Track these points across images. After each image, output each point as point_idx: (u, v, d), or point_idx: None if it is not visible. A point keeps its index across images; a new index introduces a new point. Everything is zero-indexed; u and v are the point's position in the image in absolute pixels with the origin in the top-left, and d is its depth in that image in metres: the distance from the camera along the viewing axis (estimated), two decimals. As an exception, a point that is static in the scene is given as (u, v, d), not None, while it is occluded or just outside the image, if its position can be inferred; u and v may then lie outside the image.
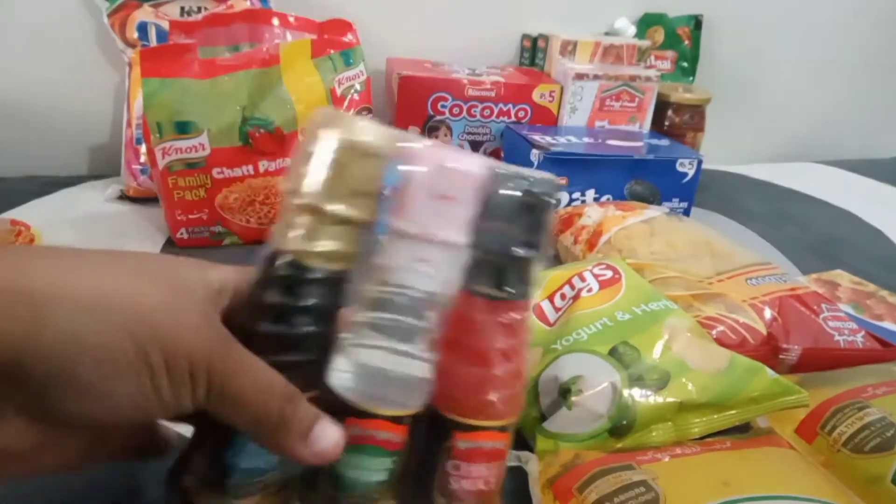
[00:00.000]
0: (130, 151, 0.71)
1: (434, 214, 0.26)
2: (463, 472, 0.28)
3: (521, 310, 0.28)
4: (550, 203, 0.27)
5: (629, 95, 0.78)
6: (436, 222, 0.26)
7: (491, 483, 0.28)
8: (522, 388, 0.29)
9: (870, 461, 0.34)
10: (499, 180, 0.27)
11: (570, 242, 0.60)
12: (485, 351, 0.28)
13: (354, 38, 0.66)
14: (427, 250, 0.26)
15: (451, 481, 0.28)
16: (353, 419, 0.26)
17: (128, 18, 0.71)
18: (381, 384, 0.26)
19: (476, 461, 0.28)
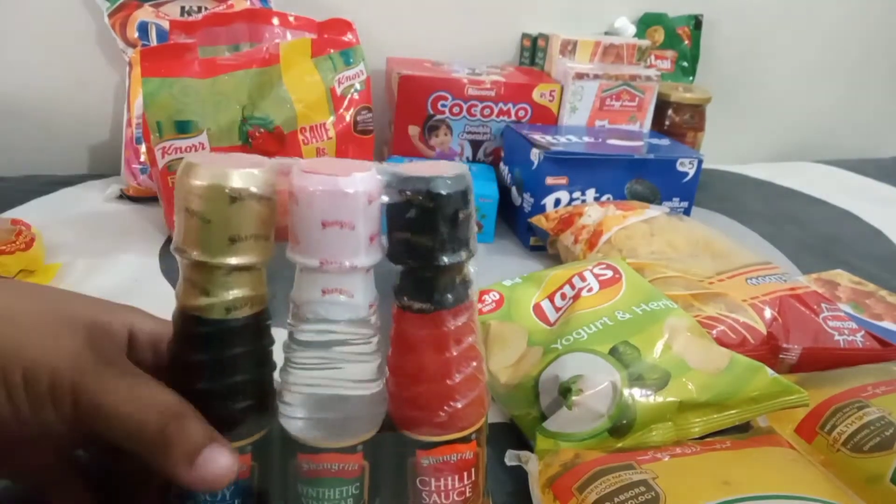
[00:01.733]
0: (130, 151, 0.71)
1: (330, 243, 0.25)
2: (433, 488, 0.27)
3: (461, 314, 0.27)
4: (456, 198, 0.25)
5: (629, 95, 0.78)
6: (334, 250, 0.25)
7: (466, 493, 0.28)
8: (481, 391, 0.28)
9: (869, 460, 0.34)
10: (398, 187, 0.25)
11: (570, 242, 0.60)
12: (431, 366, 0.27)
13: (354, 38, 0.66)
14: (334, 279, 0.25)
15: (423, 497, 0.27)
16: (304, 455, 0.26)
17: (128, 18, 0.71)
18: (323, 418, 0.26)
19: (444, 476, 0.27)
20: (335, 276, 0.25)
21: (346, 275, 0.25)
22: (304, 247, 0.25)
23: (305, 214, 0.25)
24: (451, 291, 0.26)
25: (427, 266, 0.26)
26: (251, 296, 0.25)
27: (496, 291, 0.47)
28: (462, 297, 0.27)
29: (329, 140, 0.64)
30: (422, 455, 0.27)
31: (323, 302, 0.25)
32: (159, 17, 0.71)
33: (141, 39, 0.71)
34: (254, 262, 0.24)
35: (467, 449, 0.28)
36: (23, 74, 0.75)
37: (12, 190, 0.70)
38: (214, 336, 0.25)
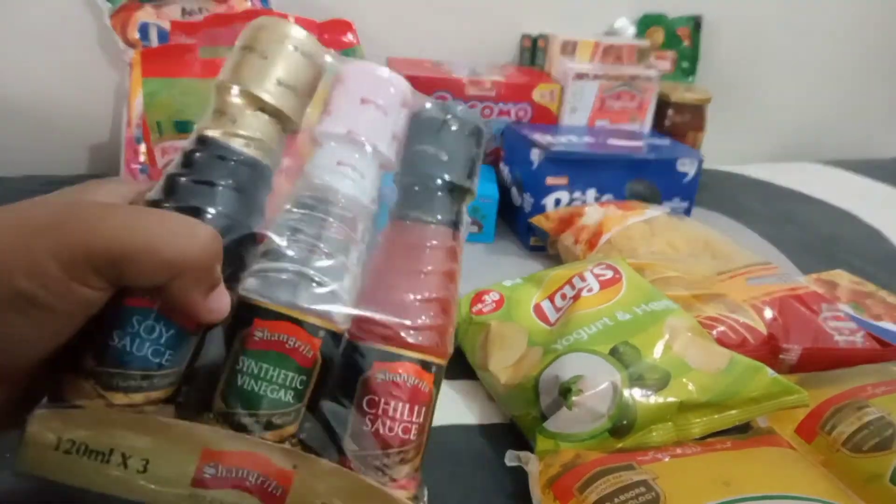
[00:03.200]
0: (130, 151, 0.71)
1: (359, 117, 0.27)
2: (381, 411, 0.25)
3: (450, 239, 0.28)
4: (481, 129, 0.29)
5: (629, 95, 0.78)
6: (364, 126, 0.27)
7: (411, 433, 0.25)
8: (449, 326, 0.27)
9: (869, 460, 0.34)
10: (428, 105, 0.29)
11: (570, 242, 0.60)
12: (409, 274, 0.27)
13: (354, 38, 0.66)
14: (351, 153, 0.27)
15: (366, 422, 0.25)
16: (262, 321, 0.24)
17: (129, 19, 0.71)
18: (297, 280, 0.25)
19: (394, 398, 0.25)
20: (354, 150, 0.27)
21: (364, 153, 0.27)
22: (337, 117, 0.27)
23: (349, 88, 0.28)
24: (446, 212, 0.28)
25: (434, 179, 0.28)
26: (269, 146, 0.26)
27: (496, 292, 0.47)
28: (455, 222, 0.29)
29: (329, 140, 0.64)
30: (378, 368, 0.25)
31: (335, 172, 0.27)
32: (160, 18, 0.71)
33: (142, 40, 0.71)
34: (286, 111, 0.26)
35: (424, 378, 0.26)
36: (23, 74, 0.75)
37: (12, 190, 0.70)
38: (228, 160, 0.25)
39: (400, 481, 0.25)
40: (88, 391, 0.22)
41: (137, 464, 0.21)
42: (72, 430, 0.21)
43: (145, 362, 0.22)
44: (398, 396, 0.25)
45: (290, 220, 0.26)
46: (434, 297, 0.27)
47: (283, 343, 0.24)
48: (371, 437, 0.25)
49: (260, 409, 0.23)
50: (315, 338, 0.25)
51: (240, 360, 0.24)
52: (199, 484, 0.21)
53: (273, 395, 0.23)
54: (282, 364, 0.24)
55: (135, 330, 0.22)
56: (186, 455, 0.21)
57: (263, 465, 0.22)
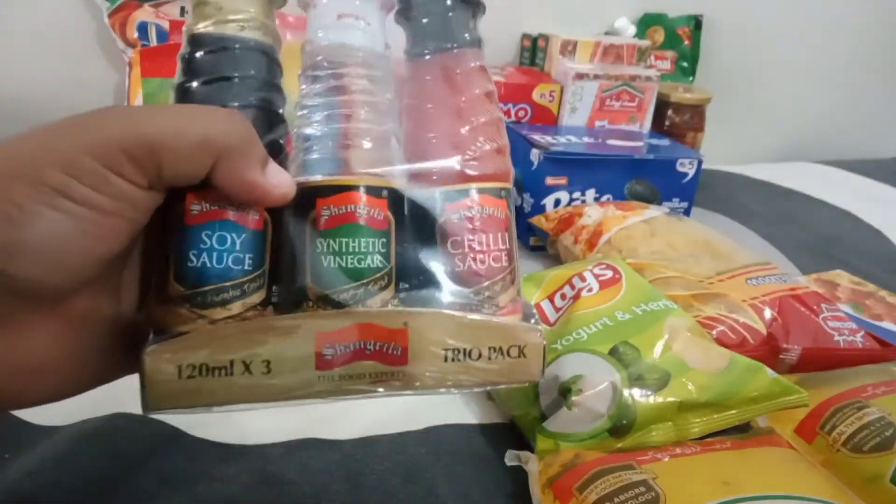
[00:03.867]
0: (130, 151, 0.71)
1: None
2: (466, 249, 0.25)
3: (476, 59, 0.28)
4: None
5: (629, 95, 0.78)
6: None
7: (503, 259, 0.25)
8: (504, 147, 0.27)
9: (869, 460, 0.34)
10: None
11: (570, 242, 0.60)
12: (450, 108, 0.26)
13: (354, 38, 0.66)
14: (347, 2, 0.26)
15: (457, 262, 0.25)
16: (325, 199, 0.24)
17: (128, 18, 0.71)
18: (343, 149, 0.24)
19: (476, 231, 0.25)
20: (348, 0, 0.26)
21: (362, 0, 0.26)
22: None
23: None
24: (465, 30, 0.28)
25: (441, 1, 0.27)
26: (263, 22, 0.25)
27: (496, 292, 0.47)
28: (478, 39, 0.29)
29: (329, 140, 0.64)
30: (451, 209, 0.25)
31: (339, 26, 0.26)
32: (159, 18, 0.71)
33: (140, 39, 0.71)
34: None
35: (498, 205, 0.26)
36: (23, 74, 0.75)
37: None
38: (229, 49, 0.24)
39: (506, 308, 0.25)
40: (186, 316, 0.22)
41: (260, 367, 0.21)
42: (187, 355, 0.21)
43: (228, 272, 0.22)
44: (479, 229, 0.25)
45: (313, 93, 0.25)
46: (482, 122, 0.26)
47: (353, 213, 0.23)
48: (466, 276, 0.25)
49: (353, 281, 0.23)
50: (380, 198, 0.24)
51: (317, 244, 0.23)
52: (323, 366, 0.22)
53: (361, 265, 0.23)
54: (358, 233, 0.23)
55: (208, 245, 0.22)
56: (303, 344, 0.22)
57: (376, 332, 0.23)
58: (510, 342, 0.24)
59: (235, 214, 0.23)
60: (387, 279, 0.24)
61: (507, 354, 0.24)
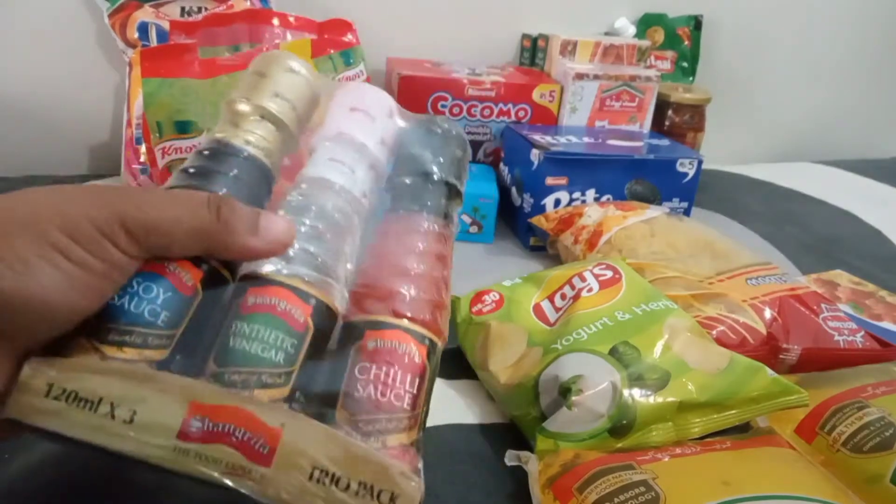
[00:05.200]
0: (130, 151, 0.71)
1: (348, 120, 0.31)
2: (372, 377, 0.25)
3: (442, 227, 0.31)
4: (464, 138, 0.33)
5: (629, 95, 0.78)
6: (349, 126, 0.31)
7: (405, 400, 0.25)
8: (442, 306, 0.28)
9: (869, 461, 0.34)
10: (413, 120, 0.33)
11: (570, 242, 0.60)
12: (401, 254, 0.29)
13: (354, 38, 0.66)
14: (341, 150, 0.30)
15: (358, 387, 0.25)
16: (255, 289, 0.25)
17: (128, 19, 0.71)
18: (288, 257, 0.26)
19: (386, 363, 0.25)
20: (344, 148, 0.30)
21: (354, 150, 0.30)
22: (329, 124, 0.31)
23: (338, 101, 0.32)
24: (435, 201, 0.31)
25: (422, 174, 0.31)
26: (269, 148, 0.29)
27: (496, 292, 0.47)
28: (445, 214, 0.31)
29: (329, 140, 0.64)
30: (370, 336, 0.26)
31: (327, 165, 0.30)
32: (159, 18, 0.71)
33: (141, 40, 0.71)
34: (284, 119, 0.29)
35: (417, 348, 0.26)
36: (23, 74, 0.75)
37: (12, 190, 0.70)
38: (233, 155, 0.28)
39: (392, 450, 0.24)
40: (83, 345, 0.22)
41: (125, 413, 0.21)
42: (63, 377, 0.21)
43: (139, 318, 0.23)
44: (389, 362, 0.25)
45: (286, 205, 0.29)
46: (426, 273, 0.29)
47: (274, 306, 0.24)
48: (363, 402, 0.24)
49: (250, 366, 0.23)
50: (306, 304, 0.25)
51: (233, 325, 0.24)
52: (185, 437, 0.21)
53: (263, 354, 0.24)
54: (272, 325, 0.24)
55: (134, 290, 0.23)
56: (174, 406, 0.21)
57: (250, 422, 0.22)
58: (383, 484, 0.22)
59: (171, 273, 0.24)
60: (283, 378, 0.24)
61: (376, 497, 0.22)
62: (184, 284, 0.24)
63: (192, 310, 0.24)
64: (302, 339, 0.25)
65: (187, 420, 0.21)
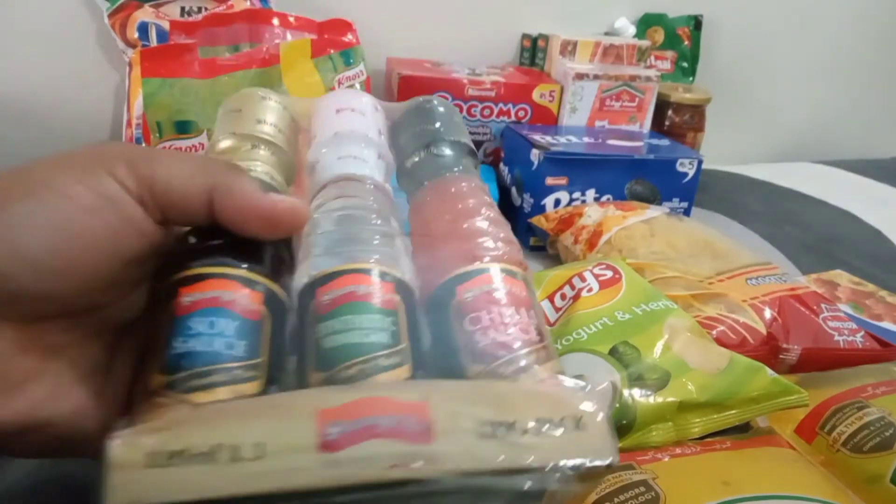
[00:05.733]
0: (131, 151, 0.71)
1: (339, 120, 0.30)
2: (486, 322, 0.22)
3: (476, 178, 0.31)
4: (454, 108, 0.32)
5: (629, 95, 0.78)
6: (343, 124, 0.29)
7: (531, 331, 0.23)
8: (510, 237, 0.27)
9: (869, 461, 0.34)
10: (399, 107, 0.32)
11: (570, 242, 0.60)
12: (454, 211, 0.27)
13: (354, 38, 0.66)
14: (344, 146, 0.29)
15: (477, 339, 0.22)
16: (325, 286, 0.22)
17: (128, 19, 0.71)
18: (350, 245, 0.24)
19: (494, 303, 0.23)
20: (348, 142, 0.29)
21: (358, 142, 0.29)
22: (321, 133, 0.30)
23: (322, 111, 0.31)
24: (460, 161, 0.31)
25: (435, 144, 0.30)
26: (271, 172, 0.28)
27: (496, 292, 0.47)
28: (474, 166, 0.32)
29: (329, 140, 0.64)
30: (463, 290, 0.23)
31: (339, 163, 0.28)
32: (159, 18, 0.71)
33: (141, 40, 0.71)
34: (274, 140, 0.28)
35: (514, 283, 0.24)
36: (23, 74, 0.75)
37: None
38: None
39: (548, 382, 0.22)
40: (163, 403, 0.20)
41: (250, 451, 0.18)
42: (162, 440, 0.18)
43: (217, 356, 0.20)
44: (497, 301, 0.23)
45: (321, 211, 0.26)
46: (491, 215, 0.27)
47: (352, 293, 0.22)
48: (491, 349, 0.22)
49: (360, 355, 0.21)
50: (384, 281, 0.23)
51: (318, 329, 0.22)
52: (327, 447, 0.18)
53: (367, 339, 0.21)
54: (361, 309, 0.22)
55: (195, 331, 0.21)
56: (301, 423, 0.18)
57: (390, 406, 0.19)
58: (561, 411, 0.20)
59: (228, 301, 0.21)
60: (399, 357, 0.21)
61: (560, 426, 0.19)
62: (248, 310, 0.21)
63: (268, 334, 0.22)
64: (397, 315, 0.22)
65: (322, 430, 0.18)
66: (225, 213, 0.22)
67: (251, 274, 0.22)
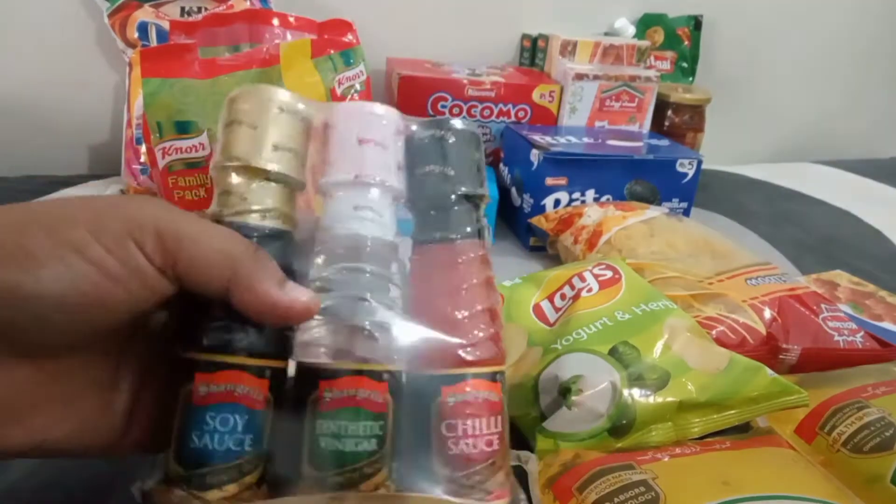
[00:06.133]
0: (130, 151, 0.71)
1: (361, 159, 0.27)
2: (461, 433, 0.25)
3: (478, 249, 0.29)
4: (478, 136, 0.30)
5: (629, 95, 0.78)
6: (366, 166, 0.27)
7: (494, 444, 0.26)
8: (500, 332, 0.28)
9: (869, 461, 0.34)
10: (419, 126, 0.29)
11: (569, 242, 0.60)
12: (451, 294, 0.27)
13: (354, 38, 0.66)
14: (364, 196, 0.27)
15: (450, 446, 0.25)
16: (328, 381, 0.24)
17: (128, 19, 0.71)
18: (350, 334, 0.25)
19: (471, 418, 0.26)
20: (367, 191, 0.27)
21: (377, 192, 0.27)
22: (340, 164, 0.27)
23: (343, 133, 0.27)
24: (468, 224, 0.29)
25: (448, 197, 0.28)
26: (284, 211, 0.26)
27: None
28: (479, 231, 0.29)
29: (329, 140, 0.64)
30: (447, 392, 0.26)
31: (355, 217, 0.26)
32: (159, 18, 0.71)
33: (141, 40, 0.71)
34: (291, 174, 0.26)
35: (493, 389, 0.27)
36: (23, 74, 0.75)
37: (12, 190, 0.70)
38: (250, 237, 0.25)
39: (496, 492, 0.26)
40: (184, 498, 0.22)
41: None
42: None
43: (228, 454, 0.23)
44: (473, 414, 0.26)
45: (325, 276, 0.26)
46: (481, 309, 0.27)
47: (354, 397, 0.24)
48: (459, 460, 0.25)
49: (348, 464, 0.24)
50: (381, 381, 0.25)
51: (316, 425, 0.24)
52: None
53: (358, 448, 0.24)
54: (358, 417, 0.24)
55: (210, 427, 0.23)
56: None
57: None
58: None
59: (242, 396, 0.23)
60: (381, 462, 0.24)
61: None
62: (255, 401, 0.24)
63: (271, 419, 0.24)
64: (386, 418, 0.25)
65: None
66: (242, 304, 0.23)
67: (262, 361, 0.24)
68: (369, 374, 0.25)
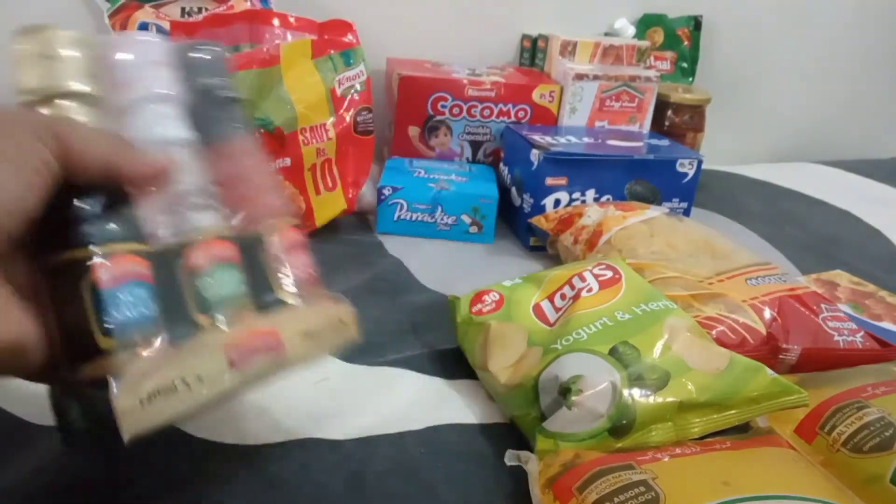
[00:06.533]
0: (131, 151, 0.71)
1: (143, 78, 0.32)
2: (291, 263, 0.34)
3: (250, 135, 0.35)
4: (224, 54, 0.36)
5: (629, 96, 0.78)
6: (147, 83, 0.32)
7: (311, 270, 0.35)
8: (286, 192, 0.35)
9: (869, 461, 0.34)
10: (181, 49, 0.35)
11: (570, 242, 0.60)
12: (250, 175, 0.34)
13: (354, 39, 0.66)
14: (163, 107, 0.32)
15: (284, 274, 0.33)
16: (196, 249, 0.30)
17: (129, 19, 0.71)
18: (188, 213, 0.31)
19: (294, 252, 0.34)
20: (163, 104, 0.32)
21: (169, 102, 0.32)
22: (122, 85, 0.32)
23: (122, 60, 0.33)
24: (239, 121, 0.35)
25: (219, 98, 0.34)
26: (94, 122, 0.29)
27: (496, 292, 0.47)
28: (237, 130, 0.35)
29: (329, 141, 0.64)
30: (272, 237, 0.34)
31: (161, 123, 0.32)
32: (160, 18, 0.71)
33: (141, 40, 0.71)
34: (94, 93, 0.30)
35: (300, 233, 0.35)
36: (23, 75, 0.75)
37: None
38: None
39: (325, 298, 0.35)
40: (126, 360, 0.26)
41: (194, 380, 0.26)
42: (141, 388, 0.25)
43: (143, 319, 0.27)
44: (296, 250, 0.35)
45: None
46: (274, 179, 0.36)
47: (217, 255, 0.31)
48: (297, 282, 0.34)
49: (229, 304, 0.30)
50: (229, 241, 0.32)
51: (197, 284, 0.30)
52: (233, 365, 0.28)
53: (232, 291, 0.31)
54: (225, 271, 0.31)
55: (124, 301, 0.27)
56: (215, 356, 0.28)
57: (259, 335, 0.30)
58: (337, 316, 0.34)
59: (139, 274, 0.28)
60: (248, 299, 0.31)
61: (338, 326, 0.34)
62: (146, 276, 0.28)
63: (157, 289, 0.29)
64: (241, 268, 0.31)
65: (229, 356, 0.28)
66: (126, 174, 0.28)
67: (142, 246, 0.28)
68: (221, 238, 0.31)
